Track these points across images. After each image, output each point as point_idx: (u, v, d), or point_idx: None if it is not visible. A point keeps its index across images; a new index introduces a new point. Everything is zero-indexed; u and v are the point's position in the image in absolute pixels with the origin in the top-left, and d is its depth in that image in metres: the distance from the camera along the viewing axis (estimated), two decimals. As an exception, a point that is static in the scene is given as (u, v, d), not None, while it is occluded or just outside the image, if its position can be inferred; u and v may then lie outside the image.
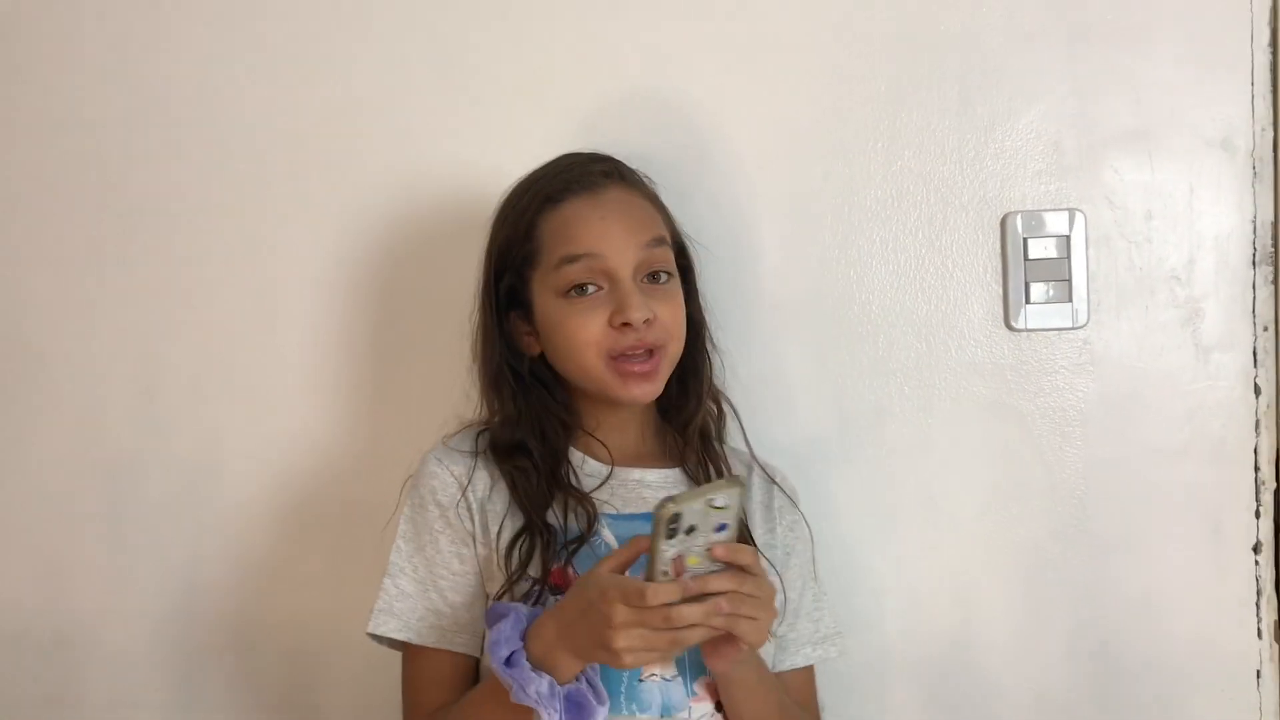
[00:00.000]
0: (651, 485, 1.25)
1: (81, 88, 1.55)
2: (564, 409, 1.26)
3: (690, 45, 1.45)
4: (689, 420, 1.28)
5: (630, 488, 1.24)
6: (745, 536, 1.22)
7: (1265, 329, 1.40)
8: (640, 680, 1.15)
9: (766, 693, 1.19)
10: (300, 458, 1.52)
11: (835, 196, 1.44)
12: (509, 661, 1.05)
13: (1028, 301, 1.41)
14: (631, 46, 1.46)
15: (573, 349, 1.20)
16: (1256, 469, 1.40)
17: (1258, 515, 1.40)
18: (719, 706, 1.17)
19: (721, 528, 1.01)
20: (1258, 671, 1.41)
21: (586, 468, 1.24)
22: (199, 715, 1.54)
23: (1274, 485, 1.40)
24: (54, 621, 1.57)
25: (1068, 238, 1.41)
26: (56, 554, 1.56)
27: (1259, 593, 1.40)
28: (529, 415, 1.24)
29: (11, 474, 1.57)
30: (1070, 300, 1.41)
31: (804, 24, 1.44)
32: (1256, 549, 1.41)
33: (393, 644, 1.23)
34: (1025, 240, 1.41)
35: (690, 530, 0.98)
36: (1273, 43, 1.38)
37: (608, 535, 1.19)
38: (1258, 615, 1.40)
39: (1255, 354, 1.40)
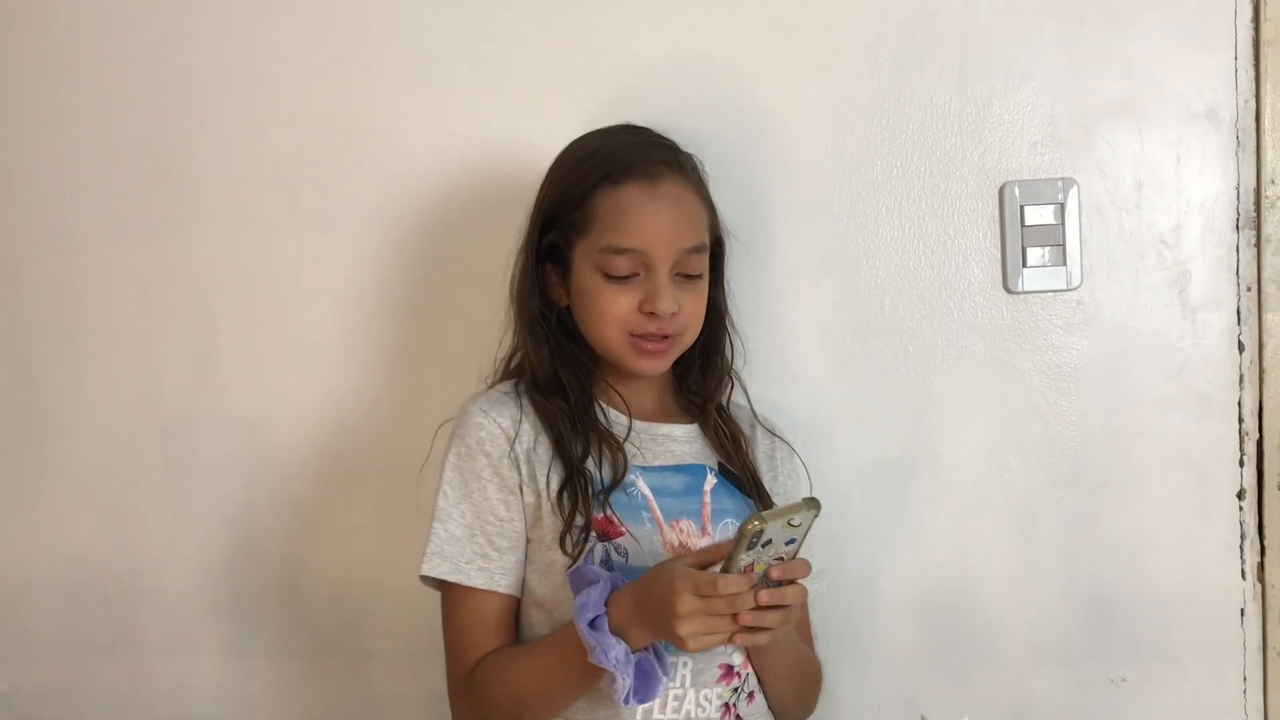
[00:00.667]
0: (678, 439, 1.33)
1: (137, 71, 1.62)
2: (588, 360, 1.32)
3: (711, 25, 1.52)
4: (711, 395, 1.37)
5: (659, 442, 1.32)
6: (761, 491, 1.33)
7: (1249, 289, 1.47)
8: None
9: (788, 650, 1.29)
10: (344, 414, 1.60)
11: (843, 168, 1.51)
12: (593, 625, 1.12)
13: (1024, 265, 1.48)
14: (656, 25, 1.53)
15: (600, 321, 1.27)
16: (1240, 420, 1.47)
17: (1241, 464, 1.47)
18: None
19: (791, 541, 1.10)
20: (1242, 610, 1.48)
21: (610, 417, 1.31)
22: (252, 657, 1.63)
23: (1257, 436, 1.47)
24: (116, 571, 1.66)
25: (1062, 205, 1.47)
26: (118, 508, 1.65)
27: (1243, 536, 1.48)
28: (560, 358, 1.31)
29: (76, 434, 1.66)
30: (1065, 264, 1.48)
31: (815, 6, 1.50)
32: (1240, 495, 1.48)
33: (440, 586, 1.27)
34: (1022, 208, 1.48)
35: (766, 543, 1.07)
36: (1255, 19, 1.44)
37: (642, 486, 1.27)
38: (1242, 558, 1.48)
39: (1239, 313, 1.47)
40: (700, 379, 1.38)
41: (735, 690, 1.26)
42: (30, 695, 1.68)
